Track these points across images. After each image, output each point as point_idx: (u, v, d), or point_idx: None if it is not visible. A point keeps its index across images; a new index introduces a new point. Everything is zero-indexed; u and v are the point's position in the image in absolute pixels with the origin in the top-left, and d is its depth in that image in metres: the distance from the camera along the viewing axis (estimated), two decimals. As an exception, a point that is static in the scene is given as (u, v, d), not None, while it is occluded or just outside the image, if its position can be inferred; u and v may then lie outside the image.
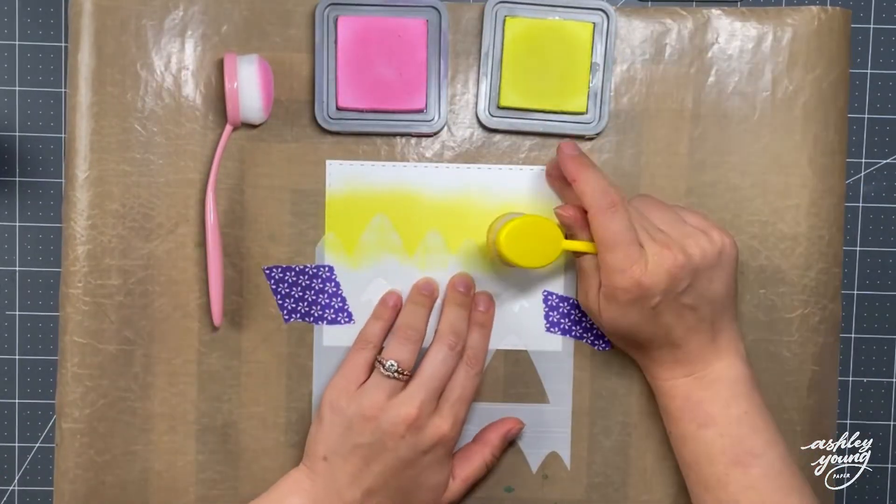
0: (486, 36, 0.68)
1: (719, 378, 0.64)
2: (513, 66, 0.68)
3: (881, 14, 0.71)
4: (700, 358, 0.64)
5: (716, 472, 0.62)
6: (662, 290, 0.61)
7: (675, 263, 0.61)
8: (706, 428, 0.63)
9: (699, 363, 0.64)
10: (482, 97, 0.69)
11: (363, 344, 0.67)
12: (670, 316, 0.63)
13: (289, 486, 0.66)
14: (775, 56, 0.69)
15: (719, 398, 0.63)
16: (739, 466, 0.62)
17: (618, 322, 0.64)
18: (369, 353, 0.67)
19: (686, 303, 0.62)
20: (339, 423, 0.65)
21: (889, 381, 0.72)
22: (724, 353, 0.64)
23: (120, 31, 0.68)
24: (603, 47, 0.68)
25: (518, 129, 0.69)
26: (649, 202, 0.65)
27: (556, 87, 0.68)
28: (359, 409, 0.64)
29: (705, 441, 0.63)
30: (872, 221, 0.72)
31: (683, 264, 0.62)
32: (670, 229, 0.63)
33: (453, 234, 0.70)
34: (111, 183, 0.68)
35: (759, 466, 0.62)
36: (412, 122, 0.68)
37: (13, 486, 0.72)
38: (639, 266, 0.61)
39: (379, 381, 0.65)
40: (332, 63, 0.68)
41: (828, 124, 0.69)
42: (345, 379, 0.66)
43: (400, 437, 0.64)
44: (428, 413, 0.64)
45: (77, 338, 0.68)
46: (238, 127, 0.67)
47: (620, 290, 0.62)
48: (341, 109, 0.68)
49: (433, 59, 0.68)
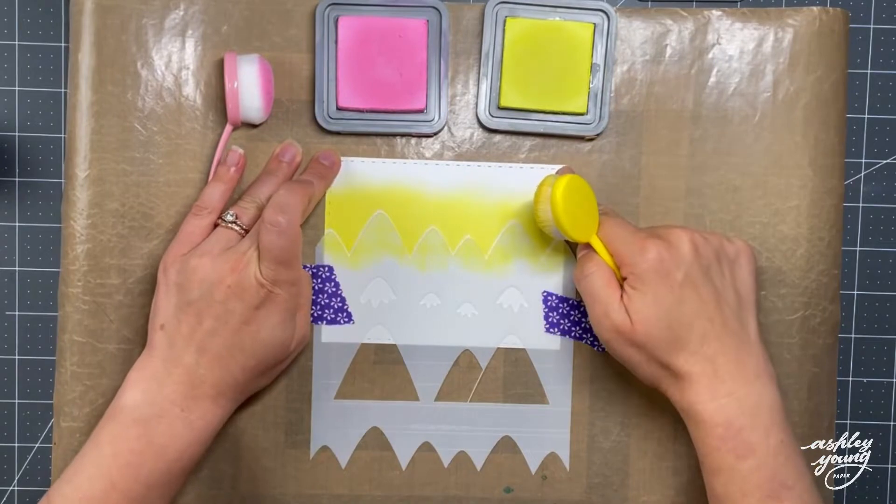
0: (486, 36, 0.68)
1: (759, 404, 0.61)
2: (513, 67, 0.68)
3: (881, 14, 0.71)
4: (739, 374, 0.61)
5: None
6: (688, 262, 0.61)
7: (695, 237, 0.62)
8: (744, 460, 0.60)
9: (739, 380, 0.61)
10: (482, 97, 0.69)
11: (198, 210, 0.65)
12: (697, 300, 0.61)
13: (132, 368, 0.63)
14: (776, 57, 0.69)
15: (760, 426, 0.60)
16: (773, 500, 0.59)
17: (648, 313, 0.61)
18: (205, 220, 0.65)
19: (714, 284, 0.62)
20: (172, 285, 0.63)
21: (889, 381, 0.72)
22: (761, 373, 0.62)
23: (120, 30, 0.68)
24: (603, 48, 0.68)
25: (518, 130, 0.69)
26: None
27: (557, 87, 0.68)
28: (188, 264, 0.63)
29: (742, 474, 0.60)
30: (872, 221, 0.72)
31: (704, 240, 0.62)
32: None
33: (452, 232, 0.70)
34: (111, 182, 0.68)
35: (791, 500, 0.59)
36: (412, 122, 0.68)
37: (13, 487, 0.72)
38: (662, 243, 0.61)
39: (215, 235, 0.64)
40: (333, 63, 0.68)
41: (828, 125, 0.69)
42: (179, 244, 0.64)
43: (227, 287, 0.62)
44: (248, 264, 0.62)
45: (76, 337, 0.68)
46: (238, 127, 0.67)
47: (648, 265, 0.61)
48: (341, 109, 0.68)
49: (433, 59, 0.68)
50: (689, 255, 0.61)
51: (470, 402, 0.70)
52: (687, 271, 0.61)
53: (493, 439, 0.70)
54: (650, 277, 0.61)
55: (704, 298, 0.61)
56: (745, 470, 0.60)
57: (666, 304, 0.61)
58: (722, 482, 0.61)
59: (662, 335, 0.61)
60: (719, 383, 0.61)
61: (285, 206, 0.62)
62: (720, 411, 0.60)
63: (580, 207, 0.63)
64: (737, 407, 0.60)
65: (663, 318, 0.61)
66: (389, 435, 0.70)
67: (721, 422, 0.60)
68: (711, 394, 0.61)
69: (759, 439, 0.60)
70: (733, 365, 0.61)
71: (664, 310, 0.61)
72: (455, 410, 0.70)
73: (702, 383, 0.61)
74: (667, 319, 0.61)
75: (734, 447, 0.60)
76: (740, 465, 0.60)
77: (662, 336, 0.61)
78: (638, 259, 0.61)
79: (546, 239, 0.70)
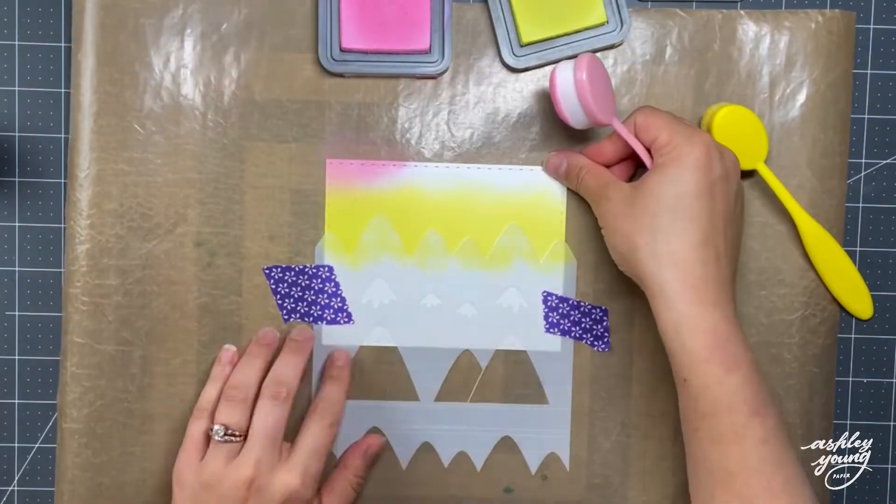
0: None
1: (736, 319, 0.61)
2: (523, 2, 0.67)
3: (881, 14, 0.71)
4: (724, 288, 0.61)
5: (735, 424, 0.59)
6: (727, 170, 0.62)
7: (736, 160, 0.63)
8: (733, 373, 0.59)
9: (723, 294, 0.60)
10: (502, 42, 0.68)
11: (199, 413, 0.66)
12: (723, 201, 0.61)
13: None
14: (773, 58, 0.69)
15: (742, 337, 0.60)
16: (758, 417, 0.59)
17: (662, 189, 0.61)
18: (204, 423, 0.66)
19: (735, 191, 0.62)
20: (187, 497, 0.64)
21: (889, 381, 0.73)
22: (732, 298, 0.62)
23: (119, 29, 0.67)
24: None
25: (548, 60, 0.68)
26: None
27: (571, 6, 0.68)
28: (200, 480, 0.64)
29: (730, 388, 0.59)
30: (872, 221, 0.72)
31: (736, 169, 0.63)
32: None
33: (453, 234, 0.69)
34: (109, 182, 0.68)
35: (773, 417, 0.59)
36: (416, 63, 0.68)
37: (13, 487, 0.71)
38: (712, 140, 0.62)
39: (215, 449, 0.64)
40: (336, 3, 0.67)
41: (826, 126, 0.69)
42: (185, 452, 0.65)
43: (244, 501, 0.63)
44: (269, 469, 0.64)
45: (76, 338, 0.68)
46: None
47: (697, 152, 0.61)
48: (345, 51, 0.68)
49: None
50: (731, 166, 0.62)
51: (470, 402, 0.70)
52: (722, 175, 0.61)
53: (493, 439, 0.70)
54: (688, 162, 0.61)
55: (717, 208, 0.61)
56: (733, 384, 0.59)
57: (690, 188, 0.61)
58: (711, 398, 0.59)
59: (666, 216, 0.61)
60: (712, 290, 0.60)
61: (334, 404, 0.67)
62: (709, 317, 0.60)
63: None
64: (723, 316, 0.60)
65: (673, 198, 0.61)
66: (389, 435, 0.70)
67: (708, 328, 0.59)
68: (702, 297, 0.60)
69: (743, 352, 0.60)
70: (726, 280, 0.61)
71: (685, 193, 0.61)
72: (455, 410, 0.70)
73: (697, 289, 0.60)
74: (675, 201, 0.61)
75: (723, 359, 0.59)
76: (729, 378, 0.59)
77: (666, 217, 0.61)
78: (682, 141, 0.61)
79: (546, 239, 0.69)
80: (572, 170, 0.67)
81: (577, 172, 0.67)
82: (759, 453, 0.58)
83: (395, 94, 0.69)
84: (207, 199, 0.68)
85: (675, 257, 0.60)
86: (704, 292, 0.60)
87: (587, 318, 0.70)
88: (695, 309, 0.60)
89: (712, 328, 0.59)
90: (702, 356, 0.59)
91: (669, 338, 0.60)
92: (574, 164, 0.67)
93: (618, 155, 0.67)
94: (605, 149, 0.67)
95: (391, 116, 0.69)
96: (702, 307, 0.60)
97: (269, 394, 0.65)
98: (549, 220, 0.69)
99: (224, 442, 0.64)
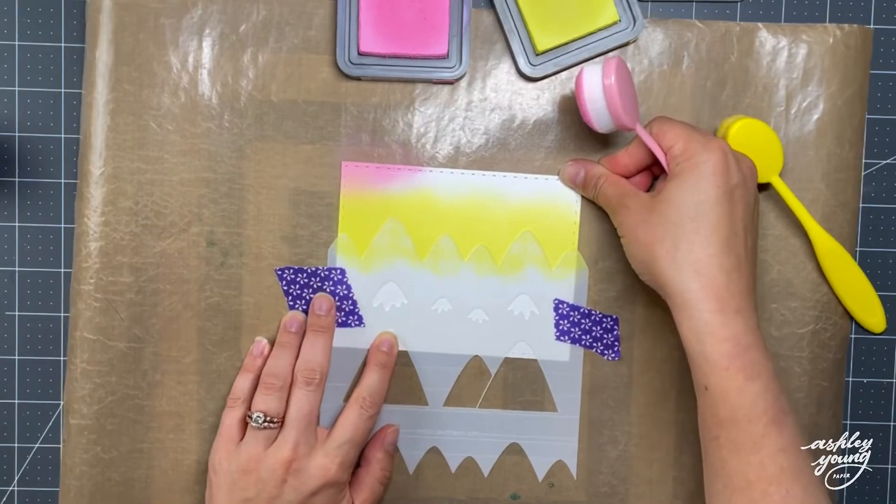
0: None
1: (758, 328, 0.61)
2: (533, 11, 0.68)
3: (881, 14, 0.71)
4: (750, 297, 0.61)
5: (753, 433, 0.59)
6: (744, 177, 0.62)
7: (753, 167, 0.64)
8: (753, 381, 0.59)
9: (745, 301, 0.60)
10: (517, 52, 0.68)
11: (232, 402, 0.67)
12: (743, 208, 0.61)
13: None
14: (790, 72, 0.69)
15: (763, 345, 0.60)
16: (776, 426, 0.59)
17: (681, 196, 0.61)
18: (239, 411, 0.67)
19: (750, 209, 0.62)
20: (224, 484, 0.65)
21: (889, 381, 0.72)
22: (755, 305, 0.62)
23: (138, 28, 0.68)
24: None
25: (564, 66, 0.69)
26: None
27: (582, 8, 0.68)
28: (238, 465, 0.65)
29: (751, 396, 0.59)
30: (872, 221, 0.72)
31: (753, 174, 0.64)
32: None
33: (465, 240, 0.70)
34: (125, 180, 0.68)
35: (791, 426, 0.59)
36: (434, 68, 0.68)
37: (13, 487, 0.71)
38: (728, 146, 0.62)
39: (253, 435, 0.65)
40: (355, 6, 0.67)
41: (842, 141, 0.69)
42: (222, 439, 0.66)
43: (282, 482, 0.64)
44: (306, 452, 0.65)
45: (87, 334, 0.68)
46: None
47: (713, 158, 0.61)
48: (363, 54, 0.68)
49: (456, 4, 0.68)
50: (748, 173, 0.62)
51: (478, 407, 0.70)
52: (738, 181, 0.61)
53: (500, 446, 0.70)
54: (706, 169, 0.61)
55: (737, 215, 0.61)
56: (753, 392, 0.59)
57: (710, 195, 0.61)
58: (729, 405, 0.59)
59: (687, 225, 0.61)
60: (733, 300, 0.60)
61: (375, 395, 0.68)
62: (730, 325, 0.59)
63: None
64: (745, 326, 0.60)
65: (693, 206, 0.61)
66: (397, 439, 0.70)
67: (730, 336, 0.59)
68: (723, 305, 0.60)
69: (765, 361, 0.60)
70: (746, 288, 0.61)
71: (704, 200, 0.61)
72: (463, 416, 0.70)
73: (719, 299, 0.60)
74: (695, 209, 0.61)
75: (744, 367, 0.59)
76: (749, 386, 0.59)
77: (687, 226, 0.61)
78: (698, 149, 0.62)
79: (559, 248, 0.69)
80: (590, 179, 0.67)
81: (595, 182, 0.67)
82: (777, 462, 0.58)
83: (412, 99, 0.69)
84: (222, 198, 0.69)
85: (698, 266, 0.60)
86: (727, 300, 0.60)
87: (598, 327, 0.70)
88: (717, 317, 0.59)
89: (734, 336, 0.59)
90: (722, 364, 0.59)
91: (691, 346, 0.60)
92: (592, 173, 0.67)
93: (635, 165, 0.67)
94: (621, 159, 0.67)
95: (407, 121, 0.69)
96: (724, 315, 0.59)
97: (303, 380, 0.66)
98: (563, 229, 0.70)
99: (262, 428, 0.65)
